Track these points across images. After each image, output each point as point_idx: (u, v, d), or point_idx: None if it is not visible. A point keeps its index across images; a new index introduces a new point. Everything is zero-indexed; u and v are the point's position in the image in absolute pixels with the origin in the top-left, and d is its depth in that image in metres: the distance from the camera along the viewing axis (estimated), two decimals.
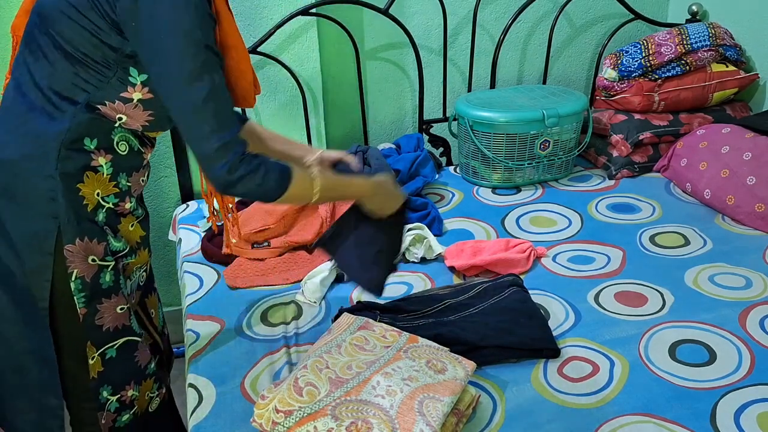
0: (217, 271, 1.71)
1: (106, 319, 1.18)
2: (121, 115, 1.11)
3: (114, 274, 1.18)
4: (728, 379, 1.26)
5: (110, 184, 1.15)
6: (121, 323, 1.21)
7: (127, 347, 1.23)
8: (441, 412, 1.06)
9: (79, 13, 1.03)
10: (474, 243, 1.71)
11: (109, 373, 1.21)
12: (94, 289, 1.15)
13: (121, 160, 1.16)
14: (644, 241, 1.78)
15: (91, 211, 1.13)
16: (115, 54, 1.05)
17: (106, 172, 1.14)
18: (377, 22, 2.19)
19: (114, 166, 1.15)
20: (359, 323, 1.28)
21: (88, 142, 1.10)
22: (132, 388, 1.25)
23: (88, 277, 1.14)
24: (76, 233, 1.11)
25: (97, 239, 1.14)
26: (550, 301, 1.52)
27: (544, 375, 1.29)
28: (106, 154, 1.13)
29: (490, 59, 2.36)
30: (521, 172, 2.11)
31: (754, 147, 1.88)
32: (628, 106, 2.22)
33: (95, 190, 1.13)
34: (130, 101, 1.10)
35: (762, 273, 1.60)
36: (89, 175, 1.12)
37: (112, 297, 1.18)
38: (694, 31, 2.18)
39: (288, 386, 1.10)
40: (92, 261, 1.14)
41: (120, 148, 1.15)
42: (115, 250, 1.18)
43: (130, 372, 1.25)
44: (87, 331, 1.16)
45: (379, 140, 2.38)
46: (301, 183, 1.13)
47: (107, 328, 1.18)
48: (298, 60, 2.08)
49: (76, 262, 1.12)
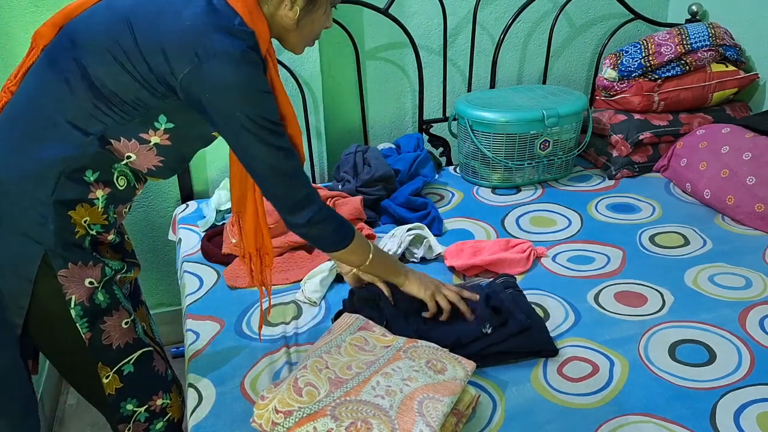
0: (217, 271, 1.71)
1: (114, 336, 1.16)
2: (131, 154, 1.10)
3: (106, 291, 1.14)
4: (728, 379, 1.26)
5: (102, 217, 1.13)
6: (131, 337, 1.19)
7: (145, 359, 1.22)
8: (441, 412, 1.06)
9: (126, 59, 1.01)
10: (474, 243, 1.71)
11: (130, 387, 1.20)
12: (93, 311, 1.12)
13: (116, 194, 1.14)
14: (644, 241, 1.78)
15: (79, 238, 1.10)
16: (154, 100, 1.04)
17: (101, 206, 1.11)
18: (377, 22, 2.19)
19: (108, 200, 1.12)
20: (359, 324, 1.28)
21: (89, 174, 1.08)
22: (160, 397, 1.25)
23: (86, 301, 1.11)
24: (66, 258, 1.08)
25: (92, 261, 1.11)
26: (549, 301, 1.52)
27: (544, 375, 1.29)
28: (104, 188, 1.11)
29: (490, 59, 2.36)
30: (521, 172, 2.11)
31: (754, 147, 1.88)
32: (628, 106, 2.22)
33: (83, 218, 1.10)
34: (147, 143, 1.09)
35: (762, 273, 1.60)
36: (83, 205, 1.09)
37: (113, 314, 1.15)
38: (694, 31, 2.18)
39: (288, 386, 1.10)
40: (90, 284, 1.11)
41: (119, 183, 1.13)
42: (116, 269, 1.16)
43: (154, 382, 1.24)
44: (96, 353, 1.14)
45: (379, 140, 2.38)
46: (359, 244, 1.25)
47: (117, 346, 1.17)
48: (298, 60, 2.08)
49: (71, 287, 1.09)
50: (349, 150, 2.08)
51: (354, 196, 1.89)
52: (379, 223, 1.92)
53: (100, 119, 1.05)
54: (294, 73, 2.07)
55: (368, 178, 1.93)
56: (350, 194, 1.90)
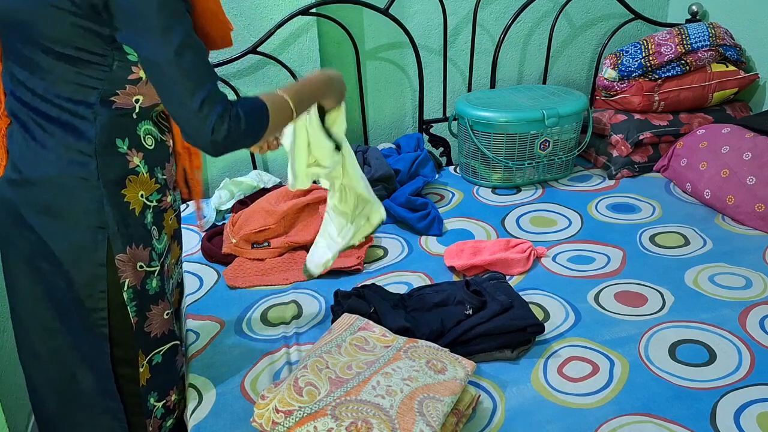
0: (217, 271, 1.71)
1: (155, 325, 1.18)
2: (137, 96, 1.08)
3: (160, 279, 1.18)
4: (728, 379, 1.26)
5: (151, 182, 1.14)
6: (167, 328, 1.21)
7: (171, 352, 1.24)
8: (441, 412, 1.06)
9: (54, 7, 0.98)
10: (474, 243, 1.72)
11: (155, 379, 1.21)
12: (143, 297, 1.15)
13: (152, 155, 1.14)
14: (644, 241, 1.78)
15: (139, 214, 1.12)
16: (103, 41, 1.01)
17: (145, 172, 1.13)
18: (377, 22, 2.19)
19: (148, 163, 1.13)
20: (359, 324, 1.28)
21: (120, 143, 1.09)
22: (174, 392, 1.27)
23: (138, 285, 1.14)
24: (125, 241, 1.10)
25: (143, 245, 1.14)
26: (550, 301, 1.52)
27: (544, 375, 1.29)
28: (138, 152, 1.12)
29: (490, 59, 2.36)
30: (521, 172, 2.11)
31: (754, 147, 1.88)
32: (628, 106, 2.22)
33: (139, 192, 1.12)
34: (139, 80, 1.07)
35: (762, 273, 1.60)
36: (131, 179, 1.11)
37: (159, 303, 1.18)
38: (694, 31, 2.18)
39: (288, 386, 1.10)
40: (140, 268, 1.14)
41: (147, 143, 1.13)
42: (159, 252, 1.18)
43: (173, 376, 1.26)
44: (138, 339, 1.16)
45: (379, 140, 2.38)
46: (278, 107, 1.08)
47: (155, 335, 1.19)
48: (298, 60, 2.08)
49: (127, 271, 1.11)
50: None
51: None
52: None
53: (90, 84, 1.03)
54: (294, 73, 2.07)
55: (368, 178, 1.93)
56: None
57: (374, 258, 1.74)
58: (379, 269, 1.68)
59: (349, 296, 1.43)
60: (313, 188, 1.88)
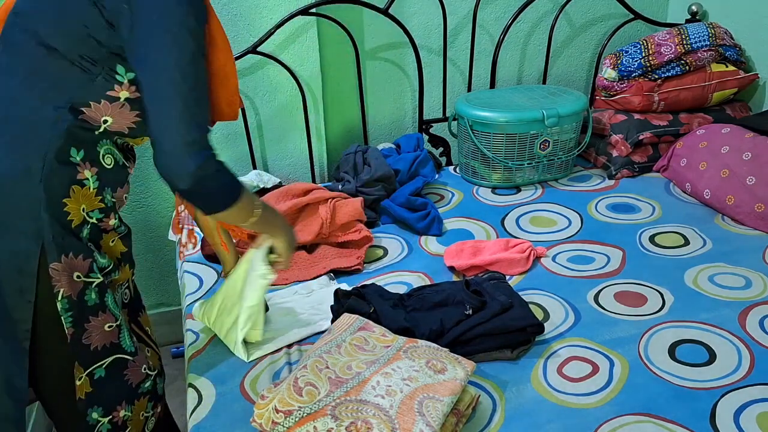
0: (217, 271, 1.71)
1: (94, 337, 1.13)
2: (106, 117, 1.07)
3: (99, 292, 1.13)
4: (728, 379, 1.26)
5: (96, 199, 1.12)
6: (110, 341, 1.16)
7: (117, 366, 1.18)
8: (441, 412, 1.06)
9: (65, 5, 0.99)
10: (474, 243, 1.72)
11: (98, 393, 1.16)
12: (80, 308, 1.10)
13: (106, 174, 1.12)
14: (644, 241, 1.78)
15: (76, 227, 1.09)
16: (102, 50, 1.01)
17: (93, 186, 1.10)
18: (377, 22, 2.19)
19: (100, 180, 1.11)
20: (359, 324, 1.28)
21: (74, 153, 1.06)
22: (123, 408, 1.21)
23: (74, 296, 1.09)
24: (60, 250, 1.06)
25: (83, 255, 1.10)
26: (549, 301, 1.52)
27: (544, 375, 1.29)
28: (92, 167, 1.10)
29: (490, 59, 2.36)
30: (521, 172, 2.11)
31: (754, 147, 1.88)
32: (628, 106, 2.22)
33: (81, 206, 1.09)
34: (117, 100, 1.06)
35: (762, 273, 1.60)
36: (75, 189, 1.08)
37: (99, 315, 1.14)
38: (694, 31, 2.18)
39: (288, 386, 1.10)
40: (77, 278, 1.09)
41: (105, 162, 1.12)
42: (102, 266, 1.15)
43: (121, 391, 1.20)
44: (74, 351, 1.11)
45: (379, 140, 2.38)
46: (249, 199, 1.14)
47: (95, 347, 1.14)
48: (298, 60, 2.08)
49: (62, 281, 1.07)
50: (349, 150, 2.08)
51: (354, 196, 1.89)
52: (378, 224, 1.92)
53: (66, 87, 1.03)
54: (294, 73, 2.07)
55: (368, 178, 1.93)
56: (350, 194, 1.90)
57: (374, 258, 1.74)
58: (379, 269, 1.68)
59: (349, 296, 1.43)
60: (313, 188, 1.88)
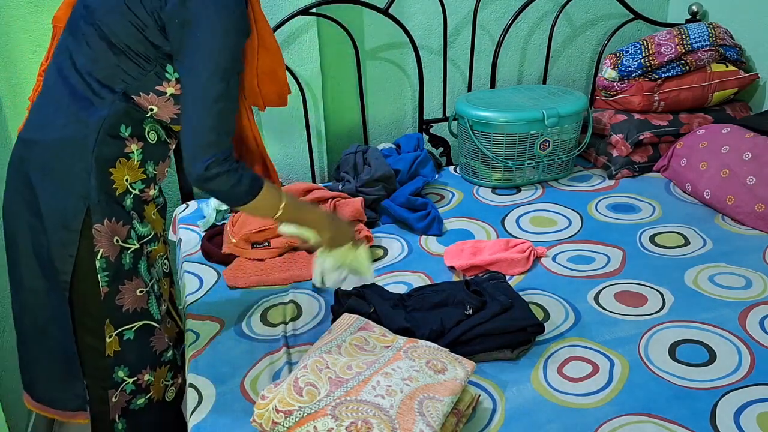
0: (217, 271, 1.71)
1: (127, 300, 1.24)
2: (152, 106, 1.20)
3: (133, 258, 1.24)
4: (728, 379, 1.26)
5: (139, 171, 1.23)
6: (141, 306, 1.26)
7: (145, 331, 1.28)
8: (441, 412, 1.06)
9: (128, 10, 1.09)
10: (474, 243, 1.72)
11: (125, 354, 1.26)
12: (117, 270, 1.21)
13: (150, 148, 1.24)
14: (644, 241, 1.78)
15: (119, 195, 1.20)
16: (156, 51, 1.13)
17: (137, 159, 1.22)
18: (377, 22, 2.19)
19: (144, 154, 1.23)
20: (359, 324, 1.28)
21: (123, 129, 1.18)
22: (148, 372, 1.30)
23: (112, 258, 1.20)
24: (104, 213, 1.18)
25: (123, 221, 1.21)
26: (549, 301, 1.52)
27: (544, 375, 1.29)
28: (138, 142, 1.21)
29: (490, 59, 2.36)
30: (521, 172, 2.11)
31: (754, 147, 1.88)
32: (628, 106, 2.22)
33: (125, 176, 1.21)
34: (164, 94, 1.18)
35: (762, 273, 1.60)
36: (121, 161, 1.19)
37: (133, 279, 1.24)
38: (694, 31, 2.18)
39: (288, 386, 1.10)
40: (116, 242, 1.20)
41: (150, 137, 1.23)
42: (141, 234, 1.25)
43: (146, 356, 1.30)
44: (107, 309, 1.22)
45: (379, 140, 2.38)
46: (269, 196, 1.19)
47: (126, 309, 1.24)
48: (299, 60, 2.08)
49: (102, 241, 1.18)
50: (349, 150, 2.08)
51: (354, 196, 1.89)
52: (379, 224, 1.92)
53: (122, 77, 1.15)
54: (294, 73, 2.07)
55: (368, 178, 1.93)
56: (350, 194, 1.90)
57: (374, 258, 1.74)
58: (379, 269, 1.68)
59: (349, 296, 1.43)
60: (313, 188, 1.88)
